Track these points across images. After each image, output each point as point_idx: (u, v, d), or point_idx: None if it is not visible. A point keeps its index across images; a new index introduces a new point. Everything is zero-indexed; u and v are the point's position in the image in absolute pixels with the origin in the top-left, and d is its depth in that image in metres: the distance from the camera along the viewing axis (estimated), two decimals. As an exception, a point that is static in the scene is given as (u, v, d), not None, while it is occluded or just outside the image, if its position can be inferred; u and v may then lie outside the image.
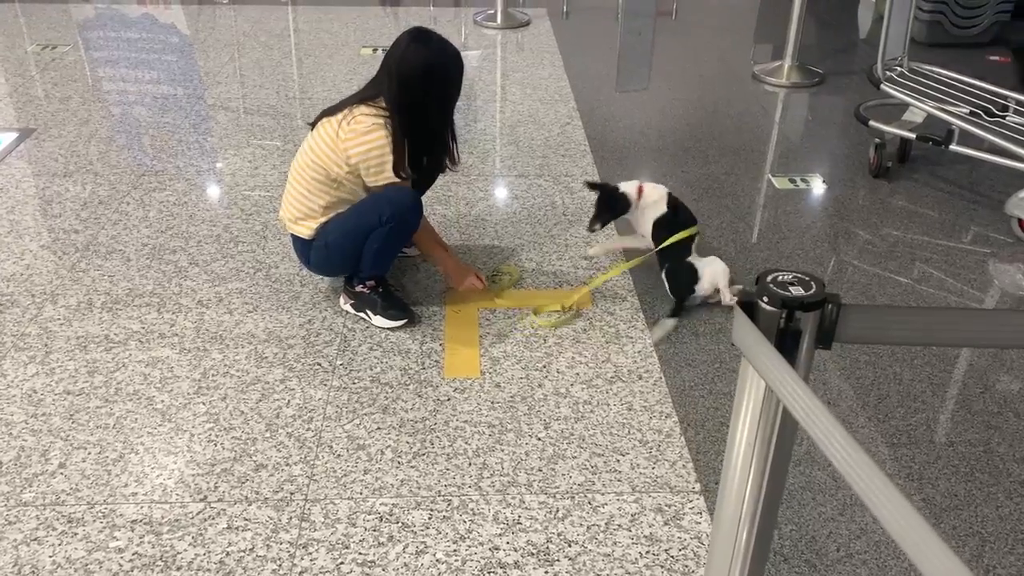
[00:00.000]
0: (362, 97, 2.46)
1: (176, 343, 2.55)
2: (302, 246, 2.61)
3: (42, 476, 2.07)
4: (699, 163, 3.78)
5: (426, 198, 3.37)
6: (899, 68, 3.69)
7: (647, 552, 1.91)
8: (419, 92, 2.41)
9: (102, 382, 2.39)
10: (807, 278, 0.97)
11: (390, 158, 2.41)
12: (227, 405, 2.31)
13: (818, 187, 3.61)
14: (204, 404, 2.32)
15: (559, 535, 1.95)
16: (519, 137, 3.97)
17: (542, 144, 3.90)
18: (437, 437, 2.23)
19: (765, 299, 0.95)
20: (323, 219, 2.52)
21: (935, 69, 3.72)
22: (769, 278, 0.97)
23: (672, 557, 1.90)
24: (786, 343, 0.96)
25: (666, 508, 2.03)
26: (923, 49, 5.08)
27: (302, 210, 2.53)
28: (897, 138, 3.65)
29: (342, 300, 2.68)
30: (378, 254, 2.53)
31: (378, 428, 2.25)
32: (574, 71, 4.81)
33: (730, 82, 4.79)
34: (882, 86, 3.57)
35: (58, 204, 3.30)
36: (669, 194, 2.86)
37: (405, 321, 2.61)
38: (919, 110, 3.50)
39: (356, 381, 2.41)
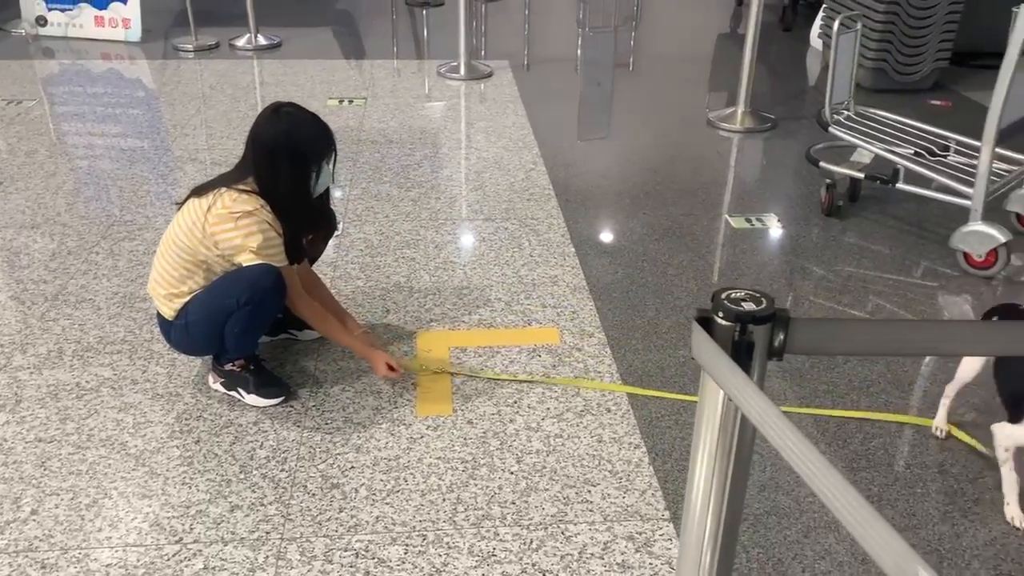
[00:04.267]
0: (232, 179, 2.41)
1: (149, 388, 2.56)
2: (163, 324, 2.49)
3: (14, 523, 2.07)
4: (658, 205, 3.91)
5: (394, 242, 3.45)
6: (846, 112, 3.87)
7: (620, 579, 1.95)
8: (279, 166, 2.37)
9: (74, 429, 2.39)
10: (758, 294, 1.05)
11: (256, 241, 2.32)
12: (201, 448, 2.33)
13: (773, 226, 3.74)
14: (178, 448, 2.33)
15: (533, 565, 1.99)
16: (485, 182, 4.07)
17: (507, 189, 4.00)
18: (411, 474, 2.26)
19: (720, 314, 1.03)
20: (186, 299, 2.42)
21: (880, 112, 3.91)
22: (724, 295, 1.04)
23: (644, 583, 1.95)
24: (741, 355, 1.04)
25: (637, 536, 2.08)
26: (868, 94, 5.31)
27: (169, 290, 2.42)
28: (847, 178, 3.81)
29: (211, 379, 2.56)
30: (240, 337, 2.43)
31: (352, 467, 2.28)
32: (537, 120, 4.94)
33: (686, 128, 4.96)
34: (830, 129, 3.74)
35: (26, 255, 3.31)
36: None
37: (282, 399, 2.51)
38: (866, 151, 3.67)
39: (329, 422, 2.44)
